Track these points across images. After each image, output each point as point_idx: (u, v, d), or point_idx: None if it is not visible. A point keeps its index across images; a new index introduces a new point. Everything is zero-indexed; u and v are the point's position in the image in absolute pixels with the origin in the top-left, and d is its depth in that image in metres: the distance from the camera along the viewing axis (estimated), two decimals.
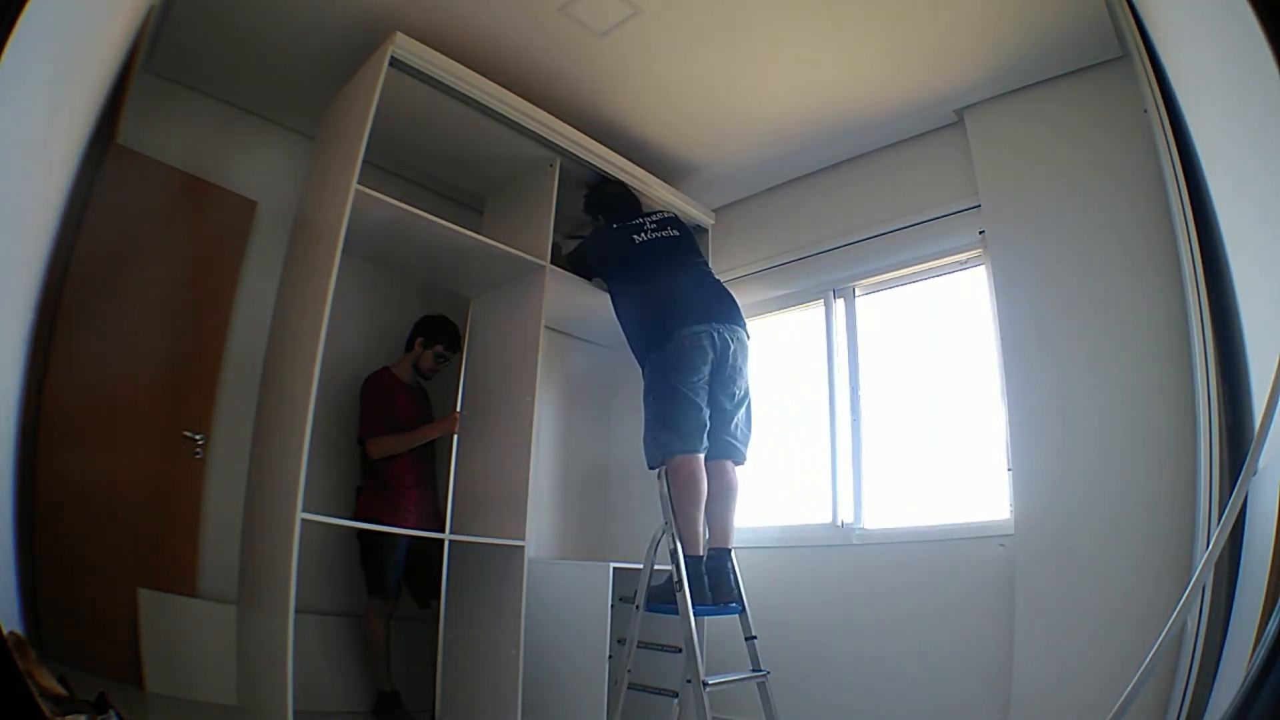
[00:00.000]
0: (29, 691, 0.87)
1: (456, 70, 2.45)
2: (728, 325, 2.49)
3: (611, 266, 2.78)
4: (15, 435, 1.81)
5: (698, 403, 2.36)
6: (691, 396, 2.36)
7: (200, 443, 2.58)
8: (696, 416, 2.35)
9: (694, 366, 2.38)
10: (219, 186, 2.75)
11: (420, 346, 2.88)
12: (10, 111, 1.21)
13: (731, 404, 2.48)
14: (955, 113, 2.82)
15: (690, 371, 2.37)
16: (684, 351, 2.39)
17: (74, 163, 1.96)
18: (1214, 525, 1.75)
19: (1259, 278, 1.47)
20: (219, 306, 2.72)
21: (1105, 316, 2.34)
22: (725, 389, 2.46)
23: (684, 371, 2.37)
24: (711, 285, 2.66)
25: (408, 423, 2.78)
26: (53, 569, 2.09)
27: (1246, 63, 1.12)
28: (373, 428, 2.72)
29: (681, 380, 2.36)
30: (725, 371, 2.46)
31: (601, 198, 2.95)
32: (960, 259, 2.89)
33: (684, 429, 2.34)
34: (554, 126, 2.73)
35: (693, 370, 2.38)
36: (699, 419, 2.35)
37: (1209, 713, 1.50)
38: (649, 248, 2.72)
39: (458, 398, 2.94)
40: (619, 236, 2.77)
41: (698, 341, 2.40)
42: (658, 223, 2.82)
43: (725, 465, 2.46)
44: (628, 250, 2.72)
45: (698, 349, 2.40)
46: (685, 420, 2.34)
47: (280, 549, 1.98)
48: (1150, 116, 2.12)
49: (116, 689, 1.77)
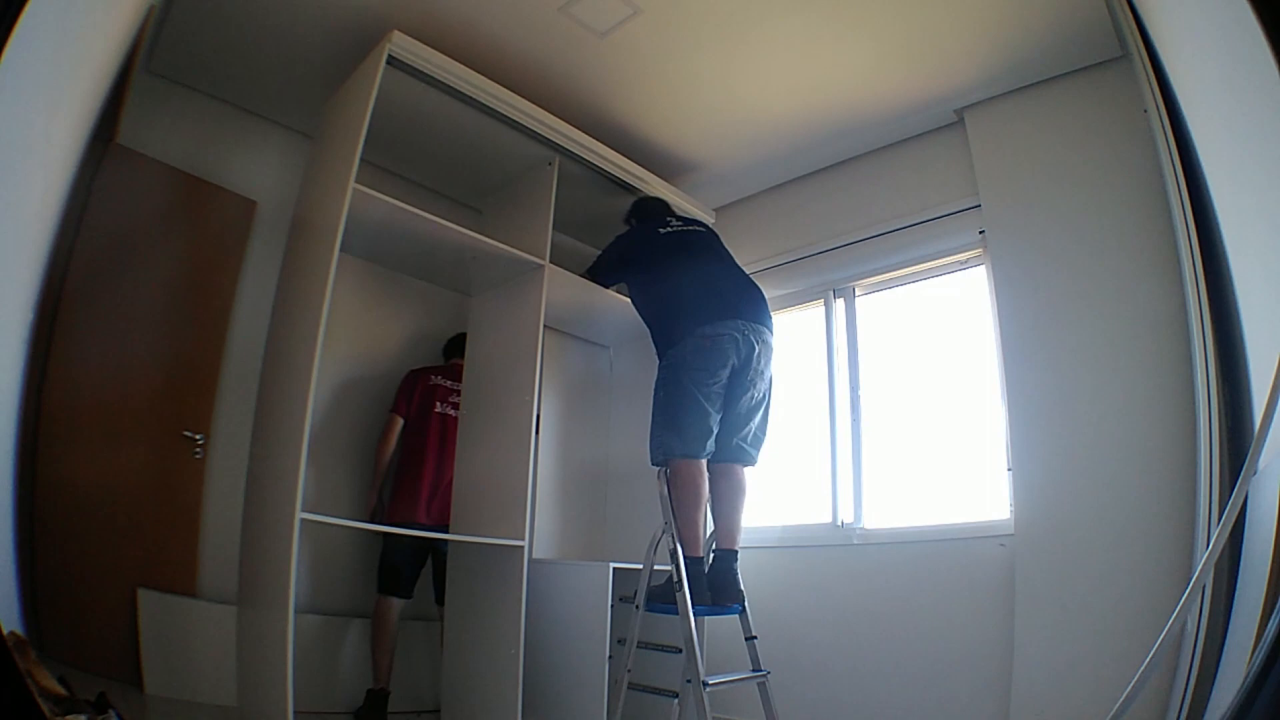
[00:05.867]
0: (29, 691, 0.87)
1: (455, 69, 2.44)
2: (754, 325, 2.35)
3: (634, 261, 2.67)
4: (15, 435, 1.81)
5: (707, 408, 2.26)
6: (702, 401, 2.25)
7: (200, 443, 2.58)
8: (704, 422, 2.25)
9: (711, 369, 2.27)
10: (219, 186, 2.75)
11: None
12: (10, 111, 1.21)
13: (748, 408, 2.36)
14: (955, 113, 2.82)
15: (706, 374, 2.27)
16: (702, 351, 2.27)
17: (74, 163, 1.96)
18: (1214, 525, 1.76)
19: (1259, 278, 1.47)
20: (219, 306, 2.72)
21: (1105, 316, 2.34)
22: (744, 392, 2.34)
23: (699, 373, 2.26)
24: (740, 280, 2.50)
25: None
26: (53, 569, 2.09)
27: (1246, 63, 1.12)
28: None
29: (696, 382, 2.26)
30: (746, 375, 2.33)
31: (636, 206, 2.92)
32: (960, 259, 2.89)
33: (689, 433, 2.25)
34: (553, 125, 2.73)
35: (709, 374, 2.27)
36: (706, 425, 2.26)
37: (1209, 713, 1.50)
38: (674, 239, 2.61)
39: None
40: (642, 231, 2.71)
41: (719, 344, 2.28)
42: (684, 219, 2.77)
43: (734, 468, 2.38)
44: (652, 241, 2.62)
45: (718, 351, 2.27)
46: (692, 424, 2.25)
47: (280, 549, 1.98)
48: (1150, 116, 2.12)
49: (116, 689, 1.77)
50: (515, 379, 2.63)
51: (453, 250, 2.66)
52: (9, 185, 1.34)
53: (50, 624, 2.03)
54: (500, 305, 2.84)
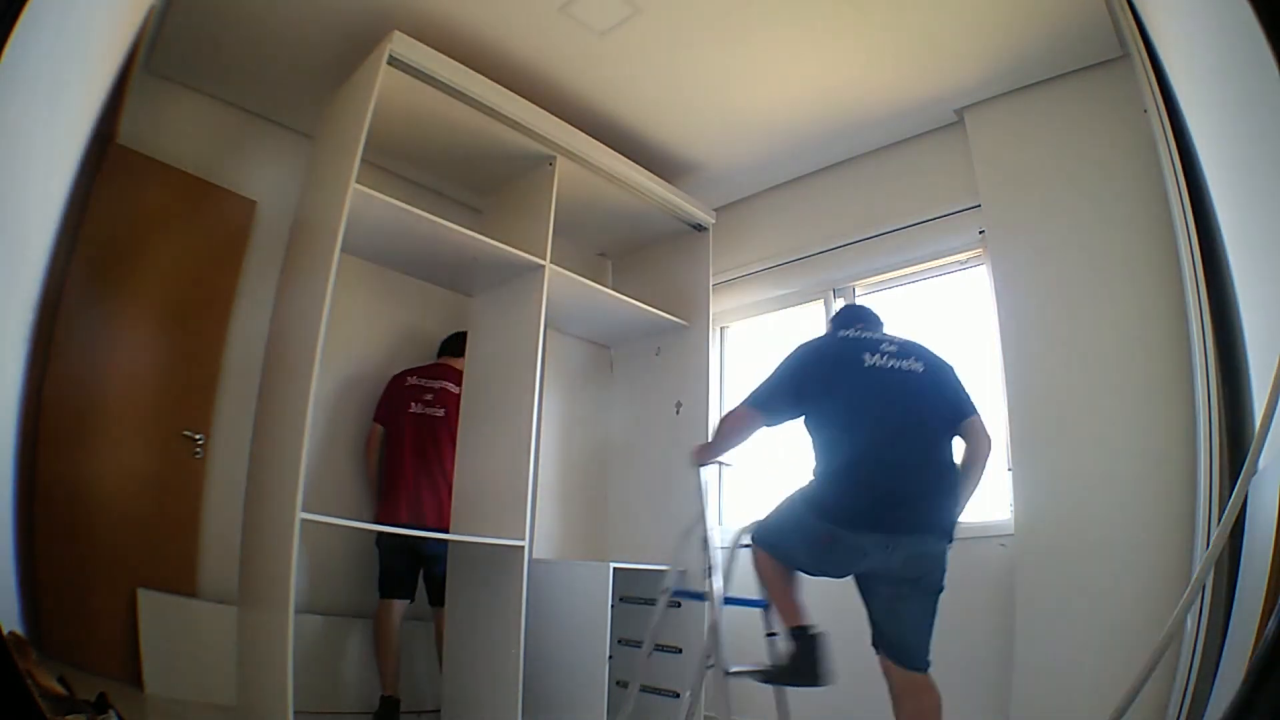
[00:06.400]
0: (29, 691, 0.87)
1: (455, 69, 2.44)
2: (921, 536, 1.78)
3: (806, 391, 1.95)
4: (15, 435, 1.81)
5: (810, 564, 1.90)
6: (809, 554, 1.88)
7: (200, 443, 2.58)
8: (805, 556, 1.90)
9: (836, 560, 1.85)
10: (219, 186, 2.75)
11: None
12: (10, 111, 1.21)
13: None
14: (955, 113, 2.82)
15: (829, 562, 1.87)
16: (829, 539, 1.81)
17: (74, 162, 1.96)
18: (1214, 525, 1.75)
19: (1259, 278, 1.47)
20: (219, 306, 2.72)
21: (1105, 316, 2.34)
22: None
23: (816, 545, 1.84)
24: (945, 482, 1.85)
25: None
26: (53, 569, 2.09)
27: (1246, 63, 1.12)
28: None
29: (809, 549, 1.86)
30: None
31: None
32: (960, 259, 2.89)
33: (793, 554, 1.92)
34: (554, 126, 2.73)
35: (834, 564, 1.87)
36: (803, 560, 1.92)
37: (1209, 713, 1.50)
38: (883, 378, 1.89)
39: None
40: (834, 346, 2.04)
41: (859, 546, 1.79)
42: (899, 346, 1.96)
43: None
44: (849, 370, 1.91)
45: (854, 552, 1.80)
46: (795, 551, 1.91)
47: (280, 549, 1.98)
48: (1150, 116, 2.12)
49: (116, 689, 1.77)
50: (516, 379, 2.63)
51: (453, 250, 2.66)
52: (9, 185, 1.34)
53: (50, 624, 2.04)
54: (501, 305, 2.84)
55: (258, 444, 2.50)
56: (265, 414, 2.51)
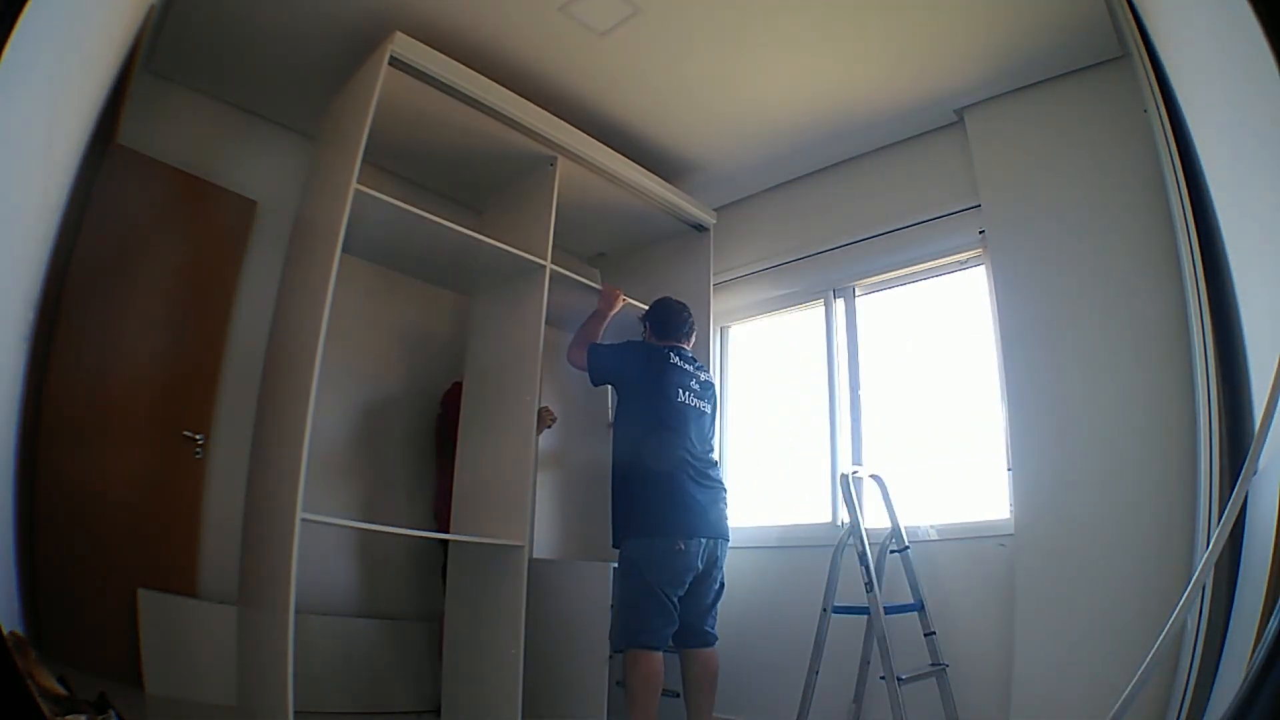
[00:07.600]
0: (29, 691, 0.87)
1: (456, 70, 2.44)
2: (717, 540, 2.40)
3: (640, 395, 2.54)
4: (15, 435, 1.81)
5: (670, 605, 2.30)
6: (666, 602, 2.29)
7: (200, 443, 2.58)
8: (668, 615, 2.30)
9: (679, 580, 2.31)
10: (219, 186, 2.75)
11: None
12: (10, 111, 1.21)
13: (710, 597, 2.41)
14: (955, 113, 2.82)
15: (675, 584, 2.31)
16: (673, 556, 2.30)
17: (74, 163, 1.96)
18: (1214, 525, 1.75)
19: (1259, 278, 1.47)
20: (219, 306, 2.72)
21: (1105, 316, 2.34)
22: (709, 589, 2.41)
23: (668, 576, 2.30)
24: (716, 489, 2.49)
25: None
26: (53, 569, 2.09)
27: (1246, 63, 1.12)
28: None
29: (664, 585, 2.29)
30: (712, 574, 2.40)
31: (654, 312, 2.76)
32: (960, 259, 2.89)
33: (653, 624, 2.29)
34: (554, 126, 2.73)
35: (678, 583, 2.31)
36: (670, 617, 2.30)
37: (1209, 713, 1.50)
38: (687, 413, 2.50)
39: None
40: (662, 367, 2.53)
41: (689, 559, 2.31)
42: (702, 385, 2.61)
43: (705, 653, 2.40)
44: (666, 401, 2.48)
45: (687, 566, 2.31)
46: (654, 616, 2.29)
47: (280, 549, 1.98)
48: (1150, 116, 2.12)
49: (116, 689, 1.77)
50: (516, 379, 2.63)
51: (454, 251, 2.66)
52: (9, 185, 1.34)
53: (50, 624, 2.03)
54: (501, 305, 2.84)
55: (259, 444, 2.50)
56: (266, 414, 2.51)
